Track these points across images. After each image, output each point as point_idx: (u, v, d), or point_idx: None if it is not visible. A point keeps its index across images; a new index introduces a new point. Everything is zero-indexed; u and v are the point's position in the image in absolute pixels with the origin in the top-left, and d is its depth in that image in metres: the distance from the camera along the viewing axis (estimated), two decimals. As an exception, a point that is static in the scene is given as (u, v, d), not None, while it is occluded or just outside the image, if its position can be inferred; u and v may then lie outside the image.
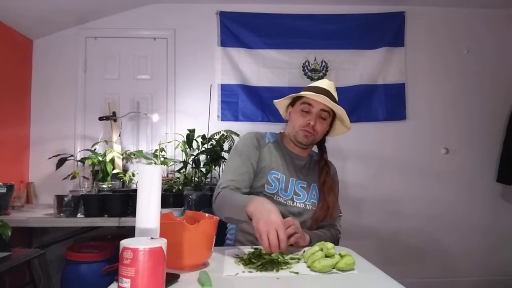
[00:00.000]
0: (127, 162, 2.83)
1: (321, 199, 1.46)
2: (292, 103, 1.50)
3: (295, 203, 1.43)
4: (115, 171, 2.58)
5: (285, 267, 1.04)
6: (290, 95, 1.48)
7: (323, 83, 1.46)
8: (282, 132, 1.57)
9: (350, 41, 3.02)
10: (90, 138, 2.88)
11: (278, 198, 1.41)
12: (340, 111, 1.41)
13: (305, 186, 1.46)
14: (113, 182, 2.52)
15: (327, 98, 1.38)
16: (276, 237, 1.02)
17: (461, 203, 3.03)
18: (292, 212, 1.41)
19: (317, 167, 1.53)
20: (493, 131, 3.07)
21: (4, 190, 2.20)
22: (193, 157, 2.42)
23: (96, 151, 2.59)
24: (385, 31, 3.03)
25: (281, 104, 1.54)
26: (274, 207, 1.11)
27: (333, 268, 1.01)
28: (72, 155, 2.53)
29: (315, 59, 3.03)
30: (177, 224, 1.04)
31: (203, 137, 2.53)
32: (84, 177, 2.54)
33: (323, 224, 1.46)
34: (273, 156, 1.46)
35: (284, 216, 1.38)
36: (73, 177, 2.53)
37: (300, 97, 1.44)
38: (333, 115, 1.46)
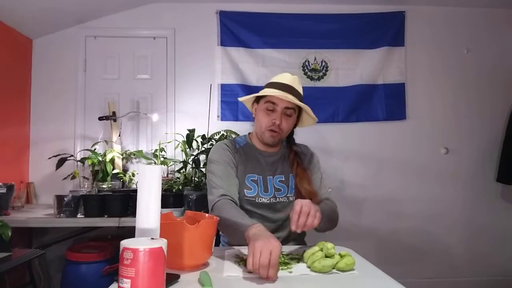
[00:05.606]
0: (127, 162, 2.82)
1: (296, 192, 1.45)
2: (257, 100, 1.48)
3: (277, 199, 1.44)
4: (115, 171, 2.58)
5: (285, 267, 1.04)
6: (254, 94, 1.46)
7: (286, 78, 1.42)
8: (250, 132, 1.56)
9: (350, 40, 3.02)
10: (90, 138, 2.87)
11: (260, 200, 1.42)
12: (304, 106, 1.40)
13: (284, 179, 1.47)
14: (113, 182, 2.52)
15: (290, 96, 1.36)
16: (267, 257, 0.92)
17: (461, 203, 3.03)
18: (277, 209, 1.43)
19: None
20: (493, 131, 3.07)
21: (4, 190, 2.20)
22: (193, 157, 2.42)
23: (96, 151, 2.59)
24: (385, 30, 3.03)
25: (246, 102, 1.53)
26: (273, 235, 1.03)
27: (333, 268, 1.01)
28: (72, 155, 2.52)
29: (315, 59, 3.03)
30: (177, 224, 1.04)
31: (203, 137, 2.53)
32: (84, 177, 2.54)
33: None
34: (246, 160, 1.46)
35: (272, 220, 1.40)
36: (73, 177, 2.53)
37: (264, 95, 1.42)
38: (299, 108, 1.44)
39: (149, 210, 0.84)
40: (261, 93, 1.42)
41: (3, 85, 2.58)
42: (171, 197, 2.24)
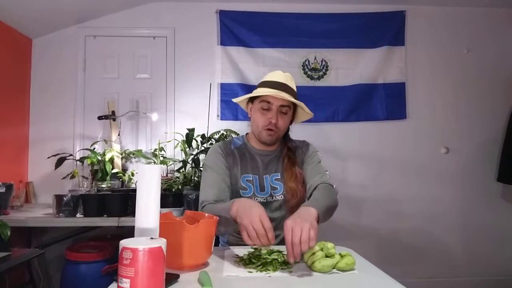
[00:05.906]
0: (126, 162, 2.82)
1: (284, 188, 1.45)
2: (252, 100, 1.48)
3: (274, 197, 1.44)
4: (114, 170, 2.58)
5: (285, 267, 1.03)
6: (248, 95, 1.47)
7: (278, 76, 1.43)
8: (248, 133, 1.56)
9: (350, 40, 3.02)
10: (89, 138, 2.87)
11: (256, 199, 1.42)
12: (299, 103, 1.41)
13: (280, 177, 1.47)
14: (112, 181, 2.52)
15: (284, 94, 1.36)
16: (261, 226, 0.99)
17: (461, 203, 3.03)
18: (274, 207, 1.43)
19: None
20: (493, 130, 3.06)
21: (3, 190, 2.19)
22: (192, 156, 2.42)
23: (95, 150, 2.58)
24: (385, 30, 3.03)
25: (241, 103, 1.53)
26: (255, 202, 1.11)
27: (333, 268, 1.01)
28: (71, 155, 2.52)
29: (315, 58, 3.03)
30: (177, 224, 1.04)
31: (203, 136, 2.52)
32: (83, 176, 2.53)
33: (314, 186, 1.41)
34: (241, 160, 1.47)
35: (270, 219, 1.38)
36: (72, 177, 2.52)
37: (258, 95, 1.42)
38: (294, 105, 1.44)
39: (148, 210, 0.83)
40: (254, 93, 1.42)
41: (3, 85, 2.57)
42: (171, 196, 2.24)
